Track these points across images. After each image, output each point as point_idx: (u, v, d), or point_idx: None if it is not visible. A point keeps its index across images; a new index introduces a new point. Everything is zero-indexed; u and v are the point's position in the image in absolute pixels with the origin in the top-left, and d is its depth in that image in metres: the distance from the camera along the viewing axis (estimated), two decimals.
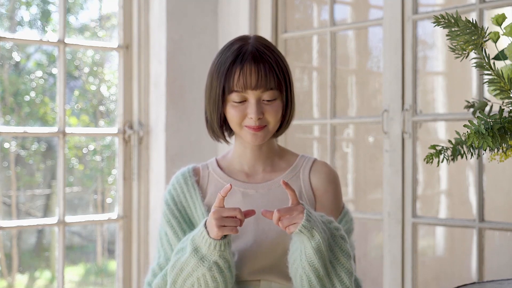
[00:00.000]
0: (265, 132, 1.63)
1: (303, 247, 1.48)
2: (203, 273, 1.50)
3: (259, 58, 1.59)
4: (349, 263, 1.52)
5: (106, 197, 6.01)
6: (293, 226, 1.46)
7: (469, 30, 1.39)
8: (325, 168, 1.72)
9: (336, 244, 1.52)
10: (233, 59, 1.60)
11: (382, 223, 2.66)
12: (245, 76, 1.58)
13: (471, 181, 3.95)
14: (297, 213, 1.46)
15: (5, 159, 5.46)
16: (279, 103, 1.63)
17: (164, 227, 1.69)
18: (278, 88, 1.62)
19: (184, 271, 1.53)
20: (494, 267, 3.57)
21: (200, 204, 1.68)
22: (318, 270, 1.48)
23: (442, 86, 4.21)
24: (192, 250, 1.51)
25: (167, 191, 1.73)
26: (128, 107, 3.12)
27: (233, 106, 1.61)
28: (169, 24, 3.05)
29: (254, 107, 1.59)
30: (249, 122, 1.61)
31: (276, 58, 1.63)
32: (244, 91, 1.59)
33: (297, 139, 3.59)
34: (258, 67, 1.59)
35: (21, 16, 5.92)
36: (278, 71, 1.61)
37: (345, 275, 1.51)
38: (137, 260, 3.08)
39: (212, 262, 1.50)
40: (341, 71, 3.98)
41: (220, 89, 1.61)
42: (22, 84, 5.74)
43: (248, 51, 1.60)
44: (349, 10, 4.05)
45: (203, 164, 1.76)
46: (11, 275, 5.43)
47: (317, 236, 1.46)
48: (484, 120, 1.33)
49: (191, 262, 1.51)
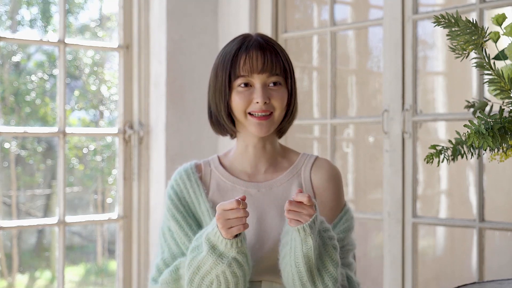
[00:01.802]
0: (270, 121, 1.63)
1: (293, 246, 1.48)
2: (222, 270, 1.50)
3: (265, 45, 1.63)
4: (336, 272, 1.52)
5: (106, 197, 6.01)
6: (295, 222, 1.46)
7: (469, 30, 1.39)
8: (326, 166, 1.72)
9: (326, 253, 1.51)
10: (238, 46, 1.63)
11: (382, 223, 2.66)
12: (252, 60, 1.61)
13: (471, 181, 3.95)
14: (306, 213, 1.45)
15: (5, 159, 5.46)
16: (284, 90, 1.65)
17: (168, 222, 1.68)
18: (283, 75, 1.64)
19: (202, 269, 1.52)
20: (494, 267, 3.57)
21: (204, 200, 1.67)
22: (302, 273, 1.48)
23: (442, 86, 4.21)
24: (209, 248, 1.50)
25: (169, 186, 1.72)
26: (128, 107, 3.12)
27: (238, 93, 1.62)
28: (169, 24, 3.05)
29: (260, 91, 1.60)
30: (255, 107, 1.61)
31: (280, 48, 1.67)
32: (250, 75, 1.61)
33: (297, 139, 3.59)
34: (264, 53, 1.62)
35: (21, 16, 5.92)
36: (283, 59, 1.65)
37: (331, 281, 1.51)
38: (137, 260, 3.08)
39: (231, 258, 1.49)
40: (341, 71, 3.98)
41: (226, 76, 1.62)
42: (23, 84, 5.75)
43: (253, 39, 1.65)
44: (349, 10, 4.05)
45: (205, 161, 1.75)
46: (11, 275, 5.43)
47: (310, 243, 1.46)
48: (484, 120, 1.33)
49: (209, 260, 1.50)
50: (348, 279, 1.64)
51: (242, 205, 1.44)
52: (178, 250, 1.66)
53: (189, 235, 1.64)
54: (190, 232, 1.65)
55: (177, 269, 1.62)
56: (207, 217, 1.66)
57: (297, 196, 1.45)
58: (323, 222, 1.54)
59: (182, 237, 1.65)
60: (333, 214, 1.69)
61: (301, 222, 1.45)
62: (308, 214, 1.45)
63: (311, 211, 1.45)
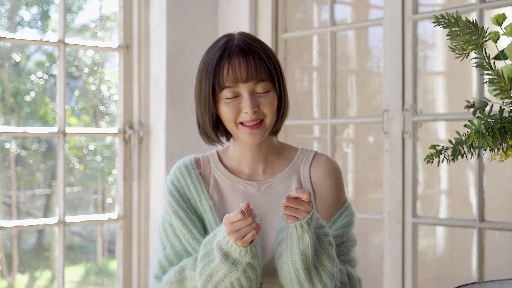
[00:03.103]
0: (262, 129, 1.59)
1: (289, 243, 1.46)
2: (237, 277, 1.47)
3: (247, 50, 1.56)
4: (333, 268, 1.50)
5: (106, 197, 6.01)
6: (292, 219, 1.44)
7: (469, 30, 1.39)
8: (325, 162, 1.69)
9: (322, 249, 1.49)
10: (220, 54, 1.56)
11: (382, 223, 2.66)
12: (235, 70, 1.54)
13: (471, 181, 3.95)
14: (303, 210, 1.43)
15: (5, 159, 5.46)
16: (273, 95, 1.59)
17: (170, 219, 1.66)
18: (270, 79, 1.58)
19: (214, 277, 1.49)
20: (494, 267, 3.57)
21: (206, 196, 1.65)
22: (299, 271, 1.46)
23: (442, 86, 4.21)
24: (222, 256, 1.46)
25: (169, 181, 1.69)
26: (128, 107, 3.12)
27: (226, 104, 1.57)
28: (169, 24, 3.05)
29: (248, 100, 1.55)
30: (245, 117, 1.57)
31: (264, 49, 1.59)
32: (235, 85, 1.55)
33: (297, 139, 3.59)
34: (247, 59, 1.55)
35: (21, 16, 5.92)
36: (267, 62, 1.58)
37: (328, 278, 1.49)
38: (137, 260, 3.08)
39: (245, 264, 1.46)
40: (341, 71, 3.98)
41: (210, 87, 1.57)
42: (22, 84, 5.75)
43: (235, 45, 1.57)
44: (349, 10, 4.05)
45: (204, 156, 1.73)
46: (11, 275, 5.43)
47: (307, 240, 1.44)
48: (484, 120, 1.33)
49: (223, 269, 1.47)
50: (349, 275, 1.63)
51: (247, 213, 1.41)
52: (181, 247, 1.64)
53: (193, 232, 1.62)
54: (194, 229, 1.62)
55: (183, 270, 1.59)
56: (210, 215, 1.64)
57: (297, 192, 1.42)
58: (318, 218, 1.52)
59: (186, 234, 1.62)
60: (333, 210, 1.67)
61: (298, 219, 1.43)
62: (306, 210, 1.43)
63: (309, 208, 1.43)
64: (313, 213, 1.45)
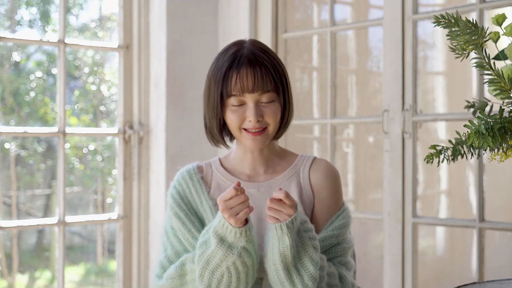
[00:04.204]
0: (265, 136, 1.65)
1: (271, 243, 1.52)
2: (233, 261, 1.52)
3: (255, 62, 1.62)
4: (316, 271, 1.54)
5: (106, 197, 6.01)
6: (274, 220, 1.49)
7: (469, 30, 1.39)
8: (324, 165, 1.74)
9: (305, 253, 1.54)
10: (229, 64, 1.62)
11: (382, 223, 2.66)
12: (242, 80, 1.60)
13: (471, 181, 3.95)
14: (285, 213, 1.48)
15: (5, 159, 5.46)
16: (277, 105, 1.65)
17: (170, 221, 1.71)
18: (275, 90, 1.64)
19: (211, 263, 1.54)
20: (494, 267, 3.57)
21: (206, 198, 1.70)
22: (279, 271, 1.52)
23: (442, 86, 4.20)
24: (218, 241, 1.51)
25: (171, 186, 1.75)
26: (128, 107, 3.12)
27: (232, 111, 1.63)
28: (169, 24, 3.05)
29: (253, 110, 1.61)
30: (249, 125, 1.63)
31: (272, 60, 1.65)
32: (242, 95, 1.61)
33: (297, 139, 3.59)
34: (255, 70, 1.61)
35: (21, 16, 5.92)
36: (274, 74, 1.64)
37: (310, 281, 1.53)
38: (137, 260, 3.08)
39: (241, 248, 1.51)
40: (341, 71, 3.98)
41: (218, 95, 1.63)
42: (22, 84, 5.75)
43: (244, 55, 1.63)
44: (349, 10, 4.05)
45: (206, 163, 1.79)
46: (11, 275, 5.43)
47: (287, 242, 1.49)
48: (484, 120, 1.33)
49: (219, 253, 1.52)
50: (341, 278, 1.66)
51: (240, 190, 1.48)
52: (181, 247, 1.69)
53: (192, 231, 1.67)
54: (193, 229, 1.67)
55: (183, 265, 1.64)
56: (210, 214, 1.69)
57: (276, 193, 1.48)
58: (305, 222, 1.56)
59: (185, 233, 1.67)
60: (331, 212, 1.71)
61: (279, 220, 1.48)
62: (287, 214, 1.48)
63: (291, 212, 1.48)
64: (295, 217, 1.50)
